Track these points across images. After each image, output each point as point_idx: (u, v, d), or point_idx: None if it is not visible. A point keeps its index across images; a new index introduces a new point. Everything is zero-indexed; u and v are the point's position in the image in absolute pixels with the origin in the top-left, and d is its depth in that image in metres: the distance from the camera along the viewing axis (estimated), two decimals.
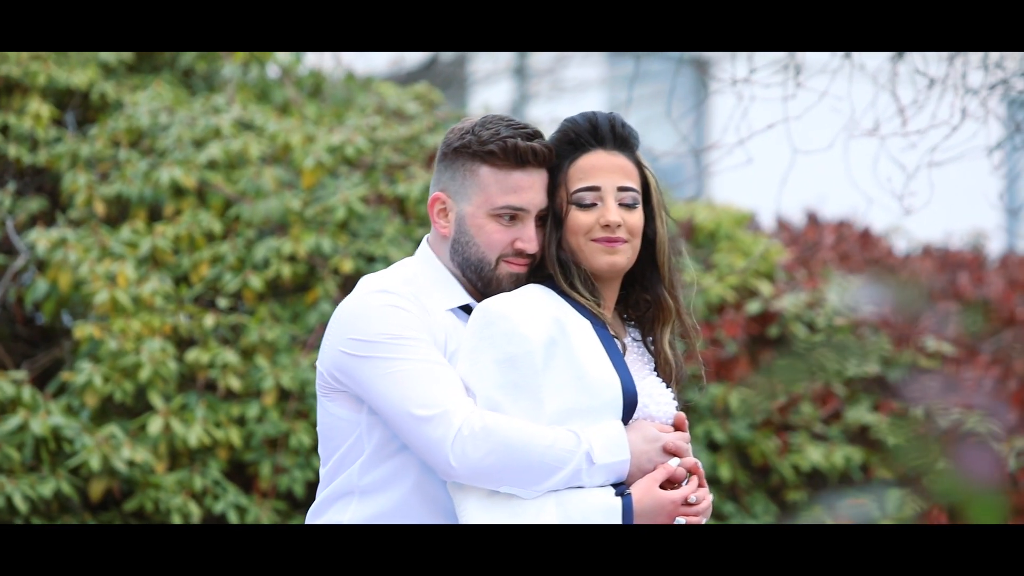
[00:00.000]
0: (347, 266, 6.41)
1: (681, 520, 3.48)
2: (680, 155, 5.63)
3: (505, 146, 3.59)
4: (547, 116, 8.99)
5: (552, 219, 3.62)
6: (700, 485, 3.55)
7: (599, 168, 3.59)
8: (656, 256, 3.64)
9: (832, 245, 7.92)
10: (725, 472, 6.68)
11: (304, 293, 6.52)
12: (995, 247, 9.49)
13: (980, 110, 5.10)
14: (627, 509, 3.44)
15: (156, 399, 6.10)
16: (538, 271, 3.65)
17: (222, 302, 6.40)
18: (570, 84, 16.43)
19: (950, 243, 9.26)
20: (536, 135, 3.63)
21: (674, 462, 3.51)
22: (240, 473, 6.31)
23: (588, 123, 3.62)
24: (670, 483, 3.52)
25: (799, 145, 5.46)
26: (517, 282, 3.63)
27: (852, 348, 7.10)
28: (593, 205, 3.58)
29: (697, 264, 7.19)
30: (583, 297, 3.57)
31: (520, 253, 3.62)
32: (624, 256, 3.58)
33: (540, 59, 16.77)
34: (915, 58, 5.22)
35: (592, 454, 3.45)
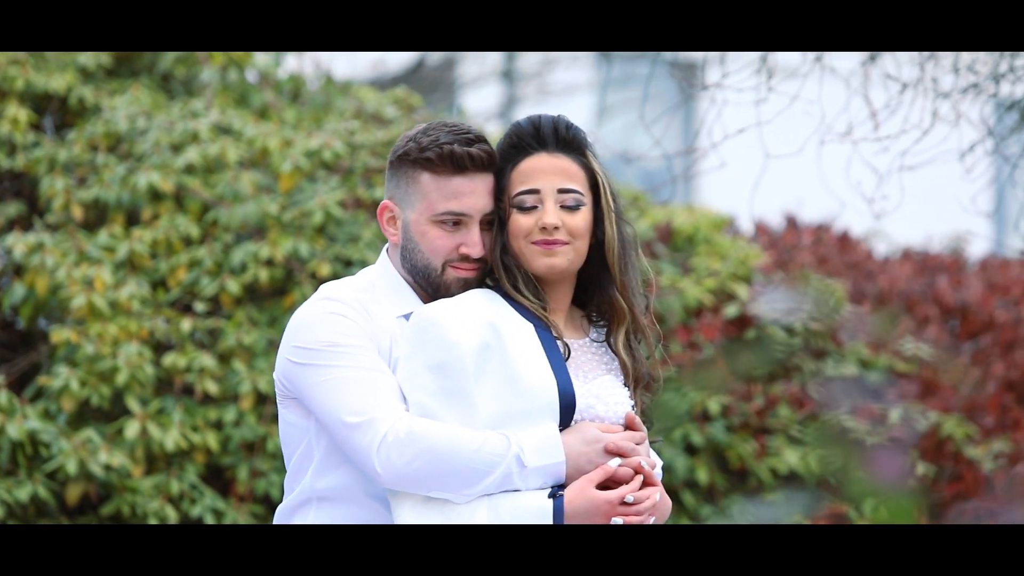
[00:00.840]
0: (324, 270, 6.42)
1: (619, 520, 3.48)
2: (665, 158, 5.63)
3: (442, 152, 3.61)
4: None
5: (497, 223, 3.63)
6: (650, 484, 3.55)
7: (539, 170, 3.60)
8: (606, 258, 3.65)
9: (810, 249, 7.93)
10: (703, 475, 6.69)
11: (281, 297, 6.53)
12: (976, 250, 9.50)
13: (952, 114, 5.11)
14: (558, 510, 3.45)
15: (133, 403, 6.11)
16: (491, 275, 3.67)
17: (199, 306, 6.40)
18: (557, 88, 16.44)
19: (930, 247, 9.27)
20: (477, 140, 3.63)
21: (614, 462, 3.51)
22: (217, 477, 6.32)
23: (531, 126, 3.63)
24: (615, 483, 3.52)
25: (778, 148, 5.47)
26: (466, 287, 3.64)
27: (830, 351, 7.11)
28: (534, 208, 3.59)
29: (675, 267, 7.20)
30: (527, 300, 3.58)
31: (466, 258, 3.64)
32: (564, 258, 3.59)
33: (528, 63, 16.77)
34: (887, 62, 5.23)
35: (522, 457, 3.45)
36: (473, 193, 3.62)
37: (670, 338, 6.89)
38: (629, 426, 3.59)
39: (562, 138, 3.62)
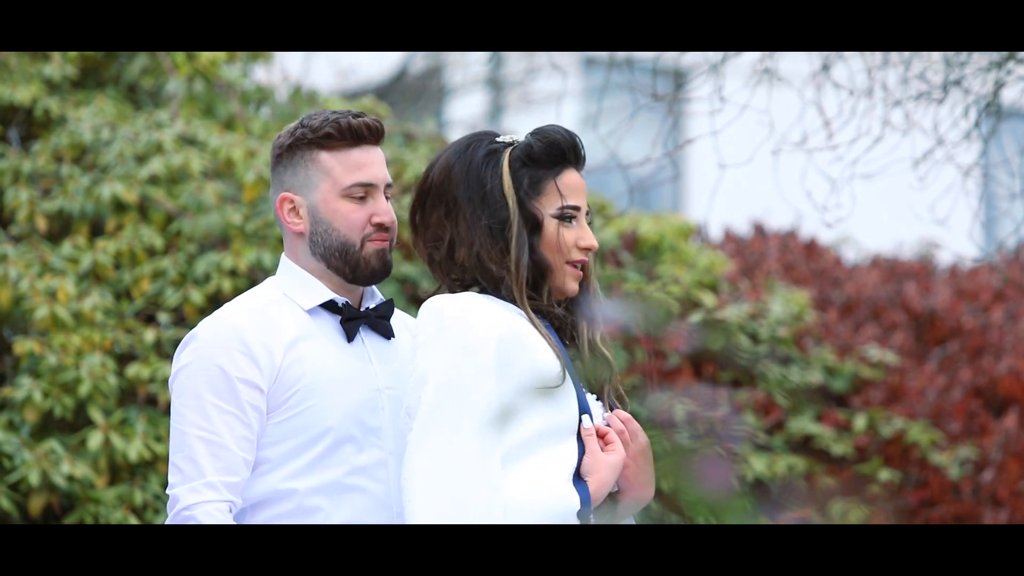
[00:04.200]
0: None
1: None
2: (620, 168, 5.64)
3: (339, 126, 3.63)
4: (521, 127, 8.99)
5: (525, 225, 3.55)
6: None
7: (579, 189, 3.57)
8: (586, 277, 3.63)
9: (777, 256, 7.96)
10: (666, 482, 6.69)
11: None
12: (949, 257, 9.52)
13: (905, 122, 5.14)
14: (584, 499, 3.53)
15: (96, 414, 6.11)
16: (483, 273, 3.56)
17: (163, 317, 6.41)
18: (540, 96, 16.45)
19: (901, 253, 9.29)
20: (363, 114, 3.69)
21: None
22: None
23: (571, 139, 3.57)
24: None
25: (743, 157, 5.49)
26: (383, 258, 3.67)
27: (794, 358, 7.13)
28: (571, 221, 3.55)
29: (640, 275, 7.22)
30: (551, 312, 3.53)
31: (380, 227, 3.66)
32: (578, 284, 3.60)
33: (512, 71, 16.78)
34: (839, 71, 5.25)
35: None
36: (373, 163, 3.66)
37: (634, 347, 6.91)
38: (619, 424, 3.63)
39: (582, 157, 3.60)
